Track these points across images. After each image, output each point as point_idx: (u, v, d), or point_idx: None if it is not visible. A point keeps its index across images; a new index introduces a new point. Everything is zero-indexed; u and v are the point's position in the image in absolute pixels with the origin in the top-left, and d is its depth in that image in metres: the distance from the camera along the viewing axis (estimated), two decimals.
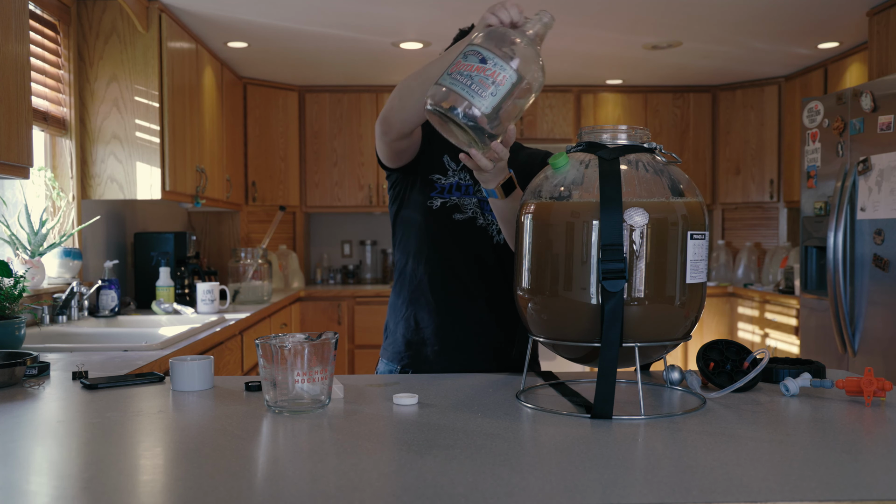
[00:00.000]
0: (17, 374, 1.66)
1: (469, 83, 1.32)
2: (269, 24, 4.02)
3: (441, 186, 1.88)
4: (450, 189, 1.89)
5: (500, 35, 1.37)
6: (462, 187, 1.88)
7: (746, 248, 5.57)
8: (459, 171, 1.89)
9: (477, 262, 1.88)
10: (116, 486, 1.03)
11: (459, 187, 1.88)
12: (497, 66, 1.32)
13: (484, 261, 1.87)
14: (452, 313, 1.89)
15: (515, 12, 1.44)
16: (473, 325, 1.88)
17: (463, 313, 1.88)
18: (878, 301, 3.26)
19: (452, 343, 1.88)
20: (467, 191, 1.88)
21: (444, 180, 1.89)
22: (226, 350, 3.27)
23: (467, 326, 1.88)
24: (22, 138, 2.36)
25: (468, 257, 1.88)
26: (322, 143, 5.52)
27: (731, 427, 1.29)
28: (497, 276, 1.89)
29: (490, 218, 1.88)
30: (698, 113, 5.65)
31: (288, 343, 1.36)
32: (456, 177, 1.89)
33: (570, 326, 1.40)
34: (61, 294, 3.10)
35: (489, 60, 1.32)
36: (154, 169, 3.51)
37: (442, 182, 1.89)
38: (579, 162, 1.44)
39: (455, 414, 1.37)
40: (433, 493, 0.97)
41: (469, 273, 1.88)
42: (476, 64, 1.32)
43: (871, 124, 3.30)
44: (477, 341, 1.88)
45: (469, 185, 1.88)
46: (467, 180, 1.88)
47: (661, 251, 1.36)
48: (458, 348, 1.88)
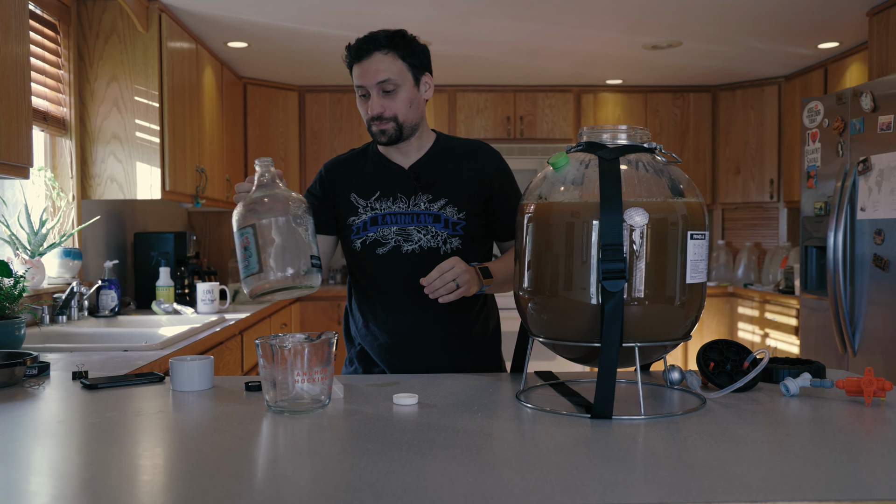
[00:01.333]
0: (17, 374, 1.66)
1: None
2: (269, 24, 4.02)
3: (356, 227, 1.90)
4: (363, 227, 1.89)
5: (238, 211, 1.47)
6: (378, 219, 1.88)
7: (746, 248, 5.57)
8: (373, 203, 1.89)
9: (409, 287, 1.84)
10: (116, 486, 1.03)
11: (375, 220, 1.88)
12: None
13: (416, 284, 1.77)
14: (398, 337, 1.91)
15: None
16: (418, 344, 1.90)
17: (407, 336, 1.90)
18: (878, 301, 3.26)
19: (399, 365, 1.92)
20: (384, 220, 1.87)
21: (357, 220, 1.90)
22: (226, 350, 3.27)
23: (413, 347, 1.91)
24: (22, 138, 2.36)
25: (400, 284, 1.87)
26: (322, 143, 5.52)
27: (731, 427, 1.29)
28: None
29: (419, 237, 1.86)
30: (698, 113, 5.65)
31: (288, 343, 1.36)
32: (368, 212, 1.89)
33: (570, 326, 1.40)
34: (61, 294, 3.10)
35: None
36: (154, 169, 3.51)
37: (356, 222, 1.90)
38: (579, 162, 1.44)
39: (455, 414, 1.37)
40: (433, 493, 0.97)
41: (404, 299, 1.88)
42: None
43: (871, 124, 3.30)
44: (419, 359, 1.90)
45: (386, 213, 1.87)
46: (383, 209, 1.88)
47: (661, 251, 1.36)
48: (408, 369, 1.91)
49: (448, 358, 1.90)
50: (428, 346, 1.90)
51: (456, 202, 1.87)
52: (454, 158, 1.92)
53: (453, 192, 1.87)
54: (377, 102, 1.81)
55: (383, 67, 1.80)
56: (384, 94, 1.81)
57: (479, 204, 1.91)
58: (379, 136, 1.85)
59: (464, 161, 1.91)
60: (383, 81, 1.80)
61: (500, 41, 4.36)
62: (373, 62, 1.80)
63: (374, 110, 1.81)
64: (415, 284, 1.78)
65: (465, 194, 1.89)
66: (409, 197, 1.87)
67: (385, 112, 1.82)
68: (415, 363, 1.89)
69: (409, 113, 1.84)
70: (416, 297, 1.81)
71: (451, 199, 1.87)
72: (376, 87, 1.80)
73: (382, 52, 1.81)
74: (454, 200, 1.87)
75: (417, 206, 1.86)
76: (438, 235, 1.86)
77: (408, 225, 1.86)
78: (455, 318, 1.91)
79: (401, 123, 1.84)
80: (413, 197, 1.87)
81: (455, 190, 1.88)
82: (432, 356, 1.90)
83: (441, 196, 1.87)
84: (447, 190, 1.87)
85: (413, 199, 1.87)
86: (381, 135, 1.84)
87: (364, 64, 1.81)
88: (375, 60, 1.80)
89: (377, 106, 1.81)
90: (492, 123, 5.53)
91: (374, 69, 1.80)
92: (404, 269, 1.86)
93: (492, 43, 4.43)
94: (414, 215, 1.86)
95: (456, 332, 1.92)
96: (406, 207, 1.87)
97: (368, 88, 1.81)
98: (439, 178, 1.88)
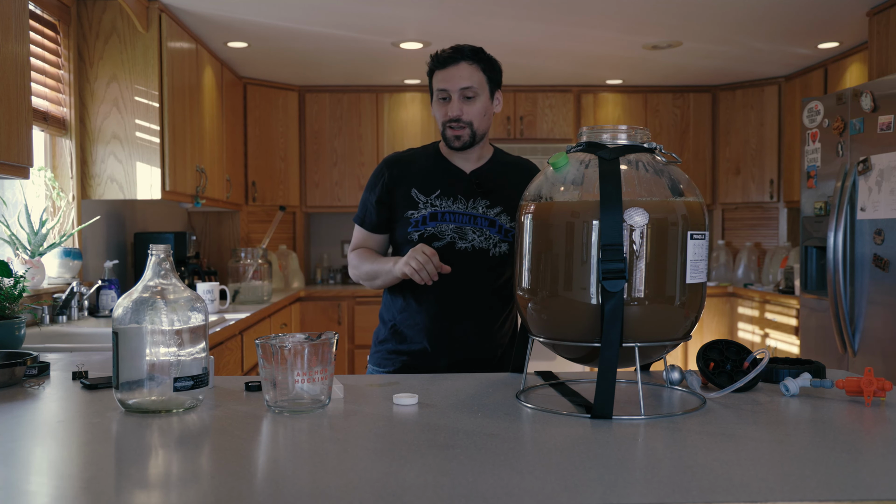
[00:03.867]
0: (17, 374, 1.66)
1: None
2: (269, 24, 4.02)
3: (415, 220, 2.00)
4: (423, 221, 2.00)
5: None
6: (438, 215, 1.99)
7: (746, 248, 5.57)
8: (434, 200, 2.00)
9: (459, 285, 1.97)
10: (116, 486, 1.03)
11: (435, 216, 1.99)
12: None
13: (465, 282, 1.97)
14: (439, 333, 2.00)
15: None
16: (456, 344, 2.00)
17: (446, 335, 2.00)
18: (878, 301, 3.26)
19: (437, 365, 1.99)
20: (444, 217, 1.98)
21: (416, 214, 2.00)
22: (226, 350, 3.27)
23: (451, 346, 2.00)
24: (22, 138, 2.36)
25: (448, 281, 1.94)
26: (322, 143, 5.52)
27: (731, 427, 1.29)
28: (480, 295, 2.00)
29: (473, 237, 1.98)
30: (698, 113, 5.65)
31: (288, 343, 1.36)
32: (428, 208, 2.00)
33: (570, 326, 1.40)
34: (61, 294, 3.10)
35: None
36: (154, 169, 3.51)
37: (415, 216, 2.00)
38: (579, 162, 1.44)
39: (455, 414, 1.37)
40: (433, 493, 0.97)
41: (448, 295, 1.98)
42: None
43: (871, 124, 3.30)
44: (459, 356, 1.99)
45: (446, 211, 1.99)
46: (443, 207, 1.99)
47: (661, 251, 1.36)
48: (443, 368, 1.98)
49: (479, 349, 2.01)
50: (461, 337, 2.00)
51: (510, 212, 2.00)
52: (510, 172, 2.06)
53: (508, 202, 1.99)
54: (457, 106, 1.96)
55: (467, 75, 1.96)
56: (465, 100, 1.96)
57: None
58: (453, 141, 1.99)
59: (519, 175, 1.99)
60: (465, 88, 1.95)
61: (500, 41, 4.36)
62: (459, 69, 1.96)
63: (454, 112, 1.96)
64: (461, 279, 1.94)
65: (517, 205, 1.96)
66: (467, 199, 2.00)
67: (463, 115, 1.96)
68: (449, 343, 1.99)
69: (482, 121, 2.00)
70: (461, 290, 1.97)
71: (506, 208, 2.00)
72: (458, 92, 1.96)
73: (468, 62, 1.97)
74: (509, 210, 2.00)
75: (476, 210, 2.00)
76: (490, 239, 1.99)
77: (465, 225, 1.99)
78: (488, 315, 2.02)
79: (475, 130, 1.98)
80: (472, 200, 2.00)
81: (510, 200, 1.98)
82: (466, 343, 2.00)
83: (498, 203, 2.00)
84: (503, 199, 2.00)
85: (472, 202, 2.00)
86: (455, 139, 1.99)
87: (450, 70, 1.96)
88: (461, 68, 1.96)
89: (457, 109, 1.96)
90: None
91: (459, 75, 1.96)
92: (454, 264, 1.94)
93: (492, 43, 4.40)
94: (472, 217, 1.99)
95: (487, 327, 2.03)
96: (465, 208, 1.99)
97: (451, 92, 1.96)
98: (497, 188, 2.01)
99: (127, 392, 1.38)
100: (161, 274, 1.42)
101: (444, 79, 1.96)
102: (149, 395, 1.38)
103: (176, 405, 1.38)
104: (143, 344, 1.37)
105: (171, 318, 1.39)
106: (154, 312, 1.38)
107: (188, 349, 1.40)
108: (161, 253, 1.43)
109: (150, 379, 1.38)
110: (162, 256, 1.43)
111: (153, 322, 1.37)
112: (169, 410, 1.38)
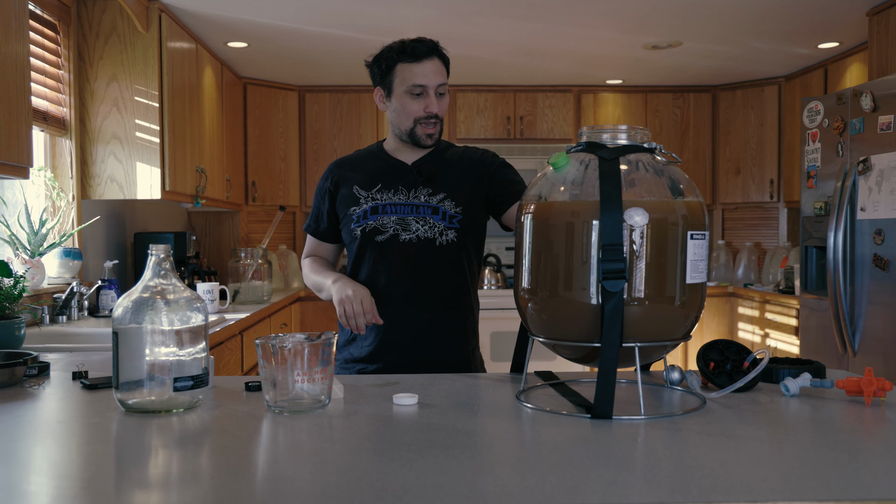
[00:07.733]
0: (17, 374, 1.66)
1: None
2: (269, 24, 4.02)
3: (357, 216, 1.97)
4: (364, 215, 1.96)
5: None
6: (379, 208, 1.95)
7: (746, 248, 5.57)
8: (375, 194, 1.96)
9: (405, 275, 1.93)
10: (116, 486, 1.03)
11: (376, 209, 1.95)
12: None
13: (413, 275, 1.93)
14: (388, 326, 1.92)
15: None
16: (408, 337, 1.94)
17: (397, 325, 1.93)
18: (878, 301, 3.26)
19: (391, 359, 1.94)
20: (385, 210, 1.94)
21: (358, 209, 1.97)
22: (226, 350, 3.27)
23: (402, 339, 1.94)
24: (22, 138, 2.36)
25: (395, 272, 1.93)
26: (322, 143, 5.52)
27: (731, 427, 1.29)
28: (430, 282, 1.94)
29: (417, 227, 1.93)
30: (698, 113, 5.65)
31: (288, 343, 1.36)
32: (368, 202, 1.96)
33: (570, 326, 1.40)
34: (61, 294, 3.10)
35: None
36: (154, 169, 3.51)
37: (357, 212, 1.97)
38: (579, 162, 1.44)
39: (455, 414, 1.37)
40: (433, 493, 0.97)
41: (398, 286, 1.94)
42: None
43: (871, 124, 3.30)
44: (412, 351, 1.94)
45: (387, 203, 1.95)
46: (384, 200, 1.95)
47: (661, 251, 1.36)
48: (396, 362, 1.93)
49: (435, 348, 1.96)
50: (419, 338, 1.95)
51: (454, 197, 1.95)
52: (455, 157, 2.02)
53: (453, 187, 1.95)
54: (435, 101, 1.92)
55: (442, 71, 1.94)
56: (439, 97, 1.94)
57: (479, 197, 1.99)
58: (425, 139, 1.96)
59: (465, 160, 2.00)
60: (441, 84, 1.93)
61: (500, 41, 4.36)
62: (434, 64, 1.92)
63: (434, 108, 1.92)
64: (409, 272, 1.91)
65: (464, 189, 1.97)
66: (409, 190, 1.96)
67: (440, 113, 1.94)
68: (404, 353, 1.94)
69: (445, 118, 2.00)
70: (410, 286, 1.93)
71: (449, 193, 1.95)
72: (435, 88, 1.92)
73: (439, 58, 1.94)
74: (453, 195, 1.95)
75: (417, 199, 1.94)
76: (436, 227, 1.93)
77: (407, 215, 1.94)
78: (446, 314, 1.97)
79: (442, 127, 1.97)
80: (414, 190, 1.96)
81: (454, 185, 1.96)
82: (421, 347, 1.94)
83: (441, 190, 1.95)
84: (447, 185, 1.96)
85: (413, 191, 1.96)
86: (428, 137, 1.96)
87: (426, 64, 1.91)
88: (436, 63, 1.93)
89: (435, 105, 1.93)
90: (492, 123, 5.53)
91: (436, 71, 1.92)
92: (401, 256, 1.93)
93: (492, 43, 4.42)
94: (413, 206, 1.94)
95: (443, 325, 1.97)
96: (406, 199, 1.94)
97: (429, 88, 1.91)
98: (440, 174, 1.97)
99: (127, 392, 1.38)
100: (161, 274, 1.42)
101: (421, 73, 1.90)
102: (149, 395, 1.38)
103: (176, 405, 1.38)
104: (142, 344, 1.37)
105: (171, 318, 1.39)
106: (154, 312, 1.38)
107: (188, 349, 1.40)
108: (161, 253, 1.43)
109: (149, 379, 1.38)
110: (162, 256, 1.43)
111: (153, 322, 1.37)
112: (169, 410, 1.38)
